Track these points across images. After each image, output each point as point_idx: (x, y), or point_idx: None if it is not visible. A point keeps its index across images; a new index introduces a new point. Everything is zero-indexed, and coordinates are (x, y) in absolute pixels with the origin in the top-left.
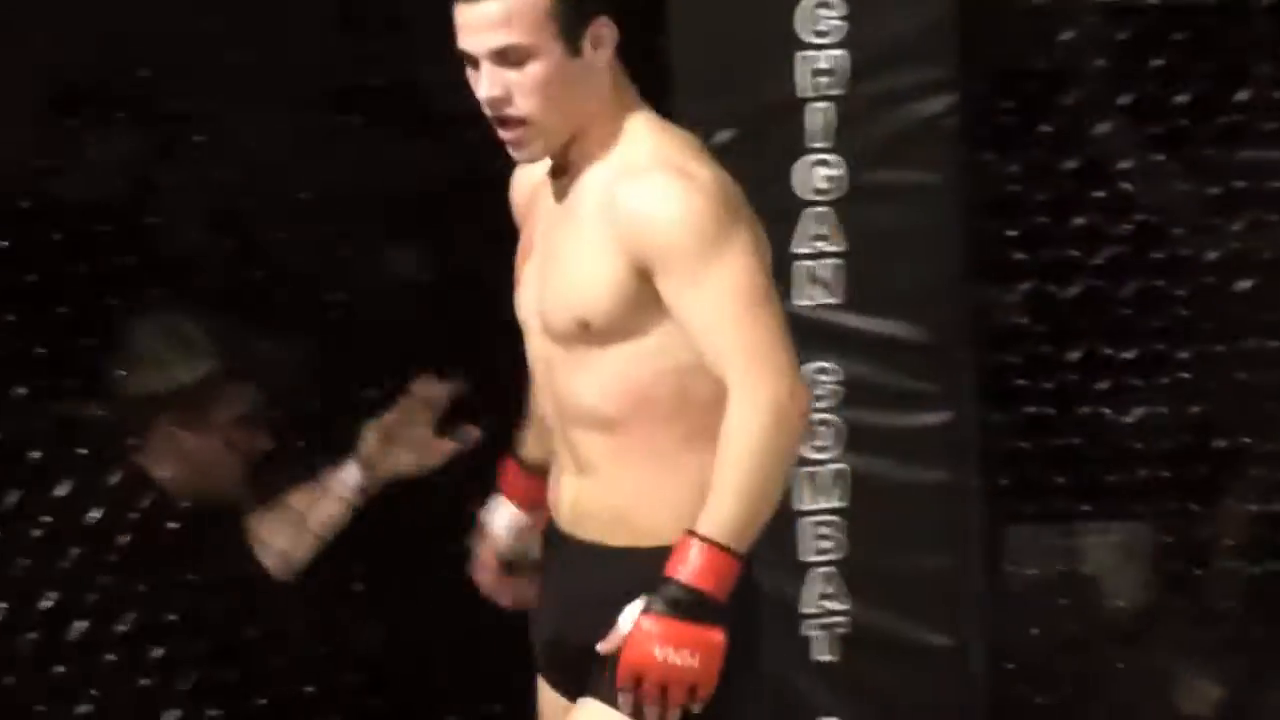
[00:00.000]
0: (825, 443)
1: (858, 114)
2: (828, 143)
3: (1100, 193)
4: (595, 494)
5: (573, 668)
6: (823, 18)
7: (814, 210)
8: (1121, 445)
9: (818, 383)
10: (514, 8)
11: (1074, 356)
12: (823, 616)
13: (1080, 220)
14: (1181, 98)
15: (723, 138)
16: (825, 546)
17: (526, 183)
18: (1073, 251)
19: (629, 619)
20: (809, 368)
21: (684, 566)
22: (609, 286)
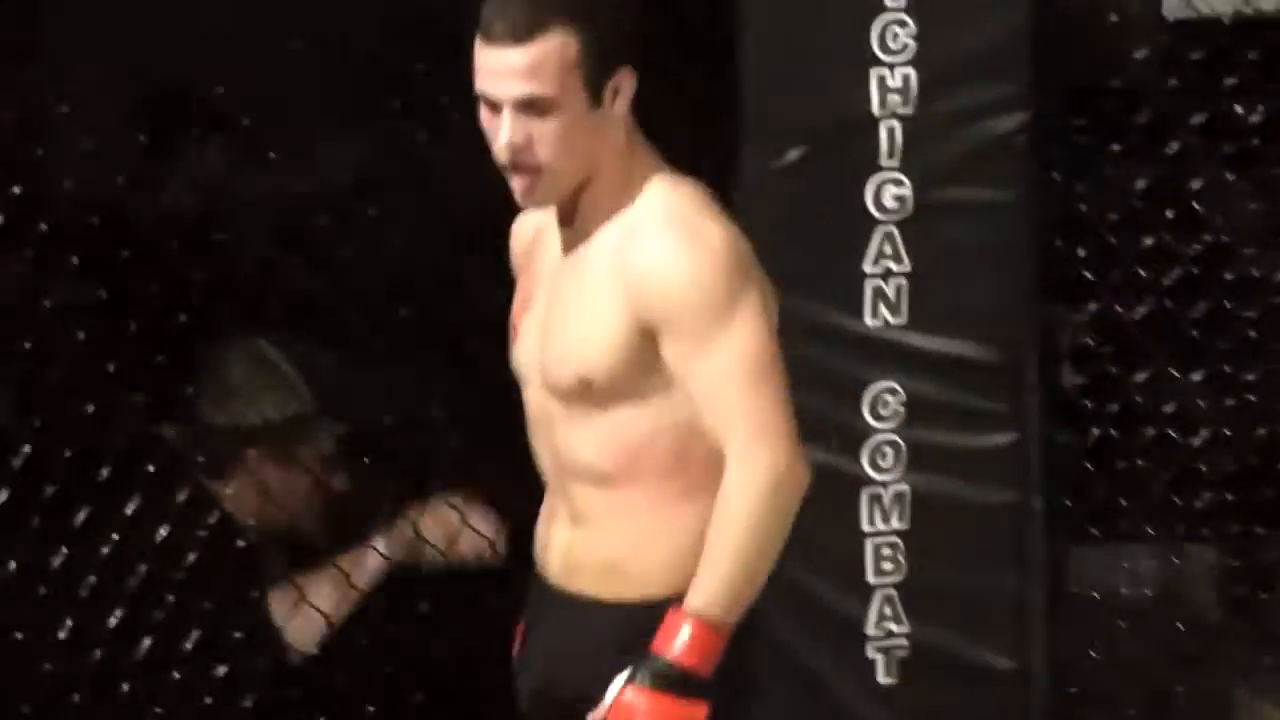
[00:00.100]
0: (889, 463)
1: (928, 131)
2: (898, 160)
3: (1170, 212)
4: (589, 544)
5: (560, 719)
6: (896, 34)
7: (884, 229)
8: (1187, 467)
9: (883, 402)
10: (542, 57)
11: (1141, 378)
12: (885, 639)
13: (1149, 240)
14: (1254, 117)
15: (794, 155)
16: (888, 568)
17: (526, 231)
18: (1141, 271)
19: (615, 689)
20: (875, 387)
21: (672, 642)
22: (613, 346)
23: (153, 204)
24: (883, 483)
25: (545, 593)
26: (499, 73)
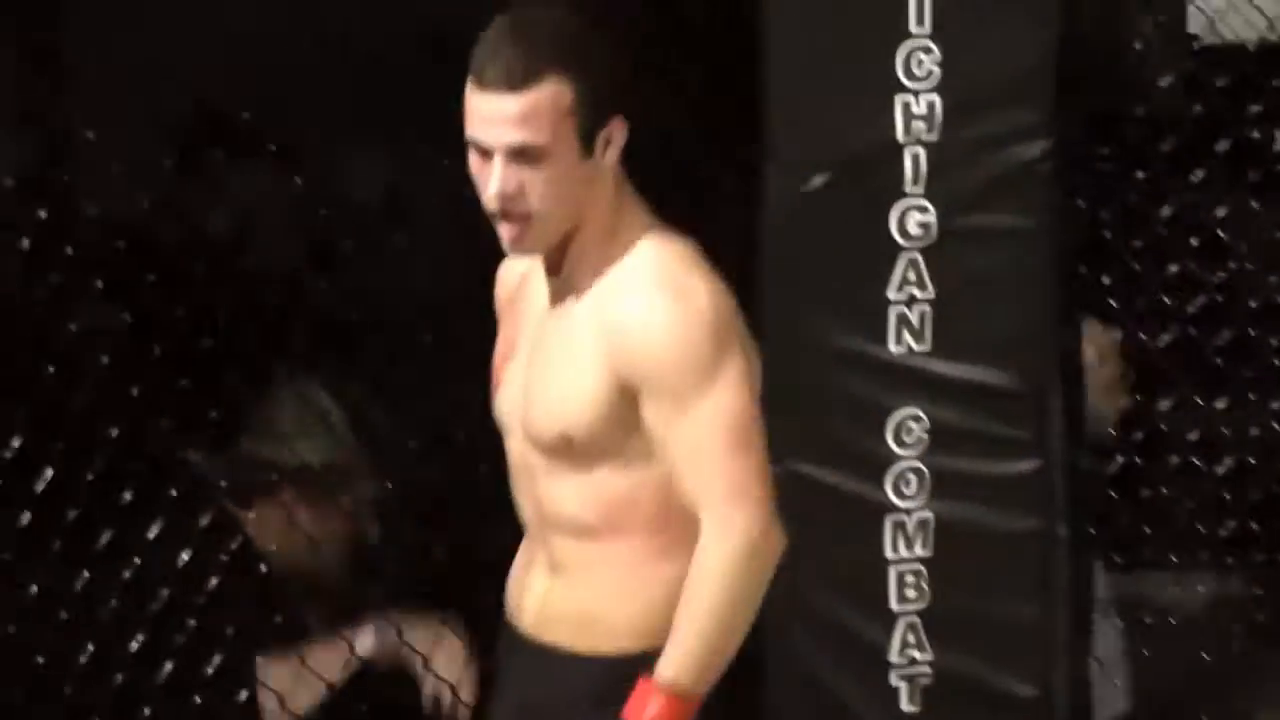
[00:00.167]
0: (913, 490)
1: (953, 158)
2: (923, 187)
3: (1195, 239)
4: (567, 594)
5: None
6: (921, 61)
7: (908, 255)
8: (1212, 495)
9: (907, 429)
10: (536, 106)
11: (1165, 405)
12: (908, 666)
13: (1174, 267)
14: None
15: (818, 181)
16: (911, 595)
17: (512, 276)
18: (1166, 299)
19: None
20: (898, 414)
21: (641, 714)
22: (594, 403)
23: (182, 227)
24: (906, 509)
25: (517, 643)
26: (492, 120)
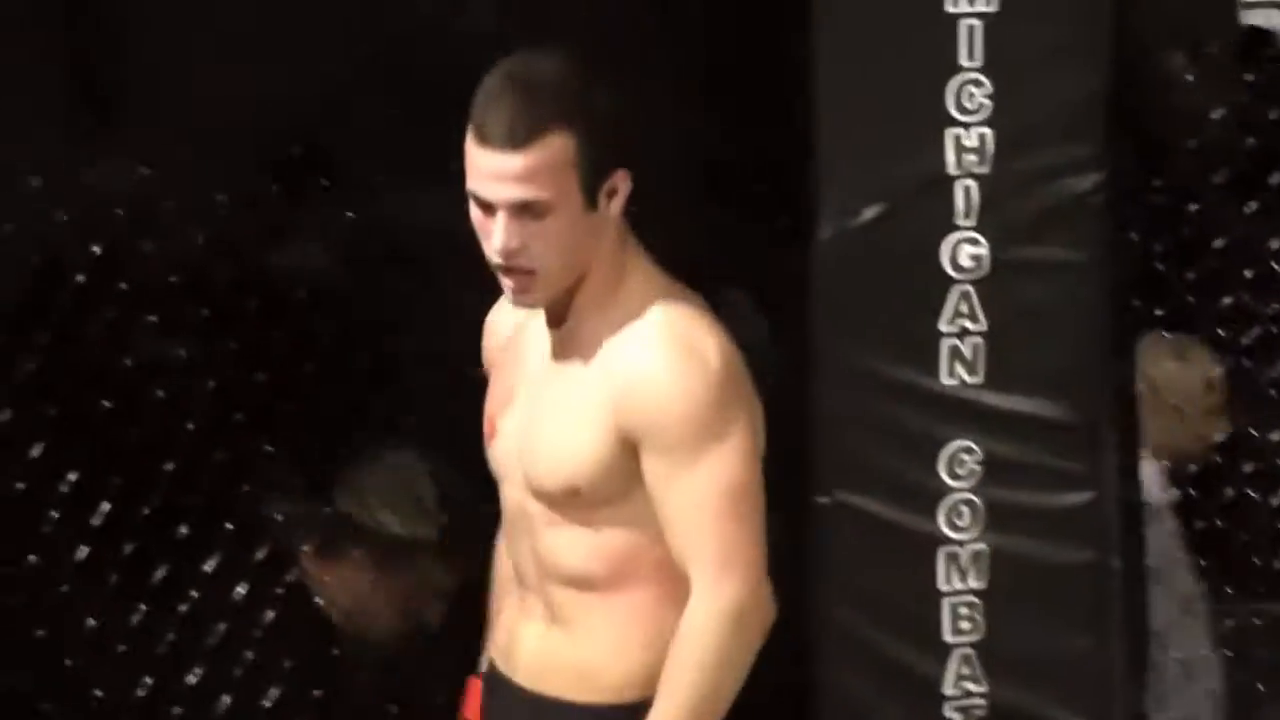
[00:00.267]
0: (966, 522)
1: (1004, 191)
2: (974, 220)
3: (1249, 272)
4: (565, 646)
5: None
6: (972, 94)
7: (960, 288)
8: (1267, 527)
9: (960, 461)
10: (540, 161)
11: (1220, 437)
12: (963, 699)
13: (1228, 299)
14: None
15: (870, 214)
16: (965, 627)
17: (504, 326)
18: (1220, 331)
19: None
20: (951, 446)
21: None
22: (597, 455)
23: (247, 262)
24: (959, 541)
25: (508, 693)
26: (494, 176)
